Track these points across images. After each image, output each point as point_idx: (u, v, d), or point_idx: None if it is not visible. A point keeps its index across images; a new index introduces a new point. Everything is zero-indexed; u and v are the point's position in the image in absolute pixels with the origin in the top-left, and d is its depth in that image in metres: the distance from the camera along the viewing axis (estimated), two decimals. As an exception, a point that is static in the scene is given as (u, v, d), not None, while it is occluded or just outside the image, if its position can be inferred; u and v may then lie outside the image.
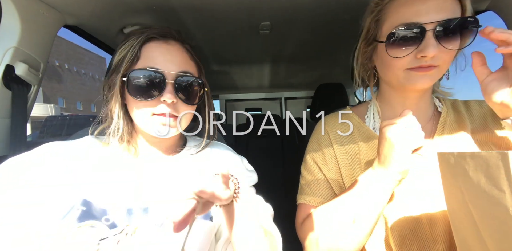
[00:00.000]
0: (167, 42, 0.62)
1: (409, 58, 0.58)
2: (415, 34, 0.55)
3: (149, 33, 0.62)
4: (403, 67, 0.59)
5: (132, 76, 0.58)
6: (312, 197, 0.69)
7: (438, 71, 0.58)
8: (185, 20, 1.15)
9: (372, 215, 0.55)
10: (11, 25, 0.79)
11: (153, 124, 0.60)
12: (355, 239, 0.56)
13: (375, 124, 0.71)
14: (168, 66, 0.59)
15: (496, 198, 0.31)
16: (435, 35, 0.54)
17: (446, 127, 0.65)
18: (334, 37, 1.42)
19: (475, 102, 0.69)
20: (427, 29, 0.54)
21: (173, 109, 0.60)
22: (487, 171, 0.32)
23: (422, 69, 0.57)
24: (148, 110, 0.59)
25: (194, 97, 0.63)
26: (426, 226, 0.56)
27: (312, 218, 0.63)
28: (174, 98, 0.59)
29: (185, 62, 0.63)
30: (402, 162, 0.51)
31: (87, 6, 0.93)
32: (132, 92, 0.59)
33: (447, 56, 0.56)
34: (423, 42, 0.55)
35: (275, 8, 1.08)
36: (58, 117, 7.41)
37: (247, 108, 3.44)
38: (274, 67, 2.21)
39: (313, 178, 0.71)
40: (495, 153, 0.31)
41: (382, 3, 0.61)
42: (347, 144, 0.70)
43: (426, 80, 0.59)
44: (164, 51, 0.61)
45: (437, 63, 0.57)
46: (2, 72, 0.79)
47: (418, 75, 0.58)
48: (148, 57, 0.60)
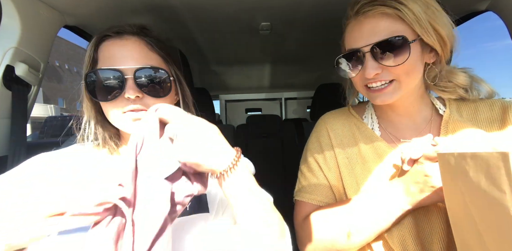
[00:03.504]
0: (122, 37, 0.60)
1: (360, 77, 0.63)
2: (355, 57, 0.62)
3: (102, 32, 0.61)
4: (362, 85, 0.65)
5: (90, 79, 0.57)
6: (311, 196, 0.69)
7: (397, 86, 0.61)
8: (185, 20, 1.16)
9: (374, 231, 0.58)
10: (11, 25, 0.79)
11: (125, 121, 0.58)
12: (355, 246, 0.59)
13: (373, 124, 0.72)
14: (124, 62, 0.57)
15: (496, 198, 0.31)
16: (373, 56, 0.59)
17: (448, 132, 0.64)
18: (334, 37, 1.41)
19: (485, 105, 0.66)
20: (364, 52, 0.60)
21: (142, 105, 0.58)
22: (488, 171, 0.32)
23: (375, 90, 0.62)
24: (117, 110, 0.58)
25: (160, 90, 0.60)
26: (425, 225, 0.56)
27: (312, 222, 0.64)
28: (138, 93, 0.56)
29: (144, 55, 0.60)
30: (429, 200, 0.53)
31: (87, 7, 0.93)
32: (95, 95, 0.57)
33: (398, 71, 0.59)
34: (364, 64, 0.60)
35: (275, 8, 1.08)
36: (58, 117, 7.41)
37: (247, 109, 3.44)
38: (274, 68, 2.21)
39: (313, 176, 0.71)
40: (496, 153, 0.31)
41: (344, 27, 0.68)
42: (347, 143, 0.70)
43: (384, 98, 0.62)
44: (118, 48, 0.59)
45: (390, 78, 0.60)
46: (2, 73, 0.79)
47: (375, 94, 0.63)
48: (104, 57, 0.59)
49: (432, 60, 0.64)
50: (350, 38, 0.63)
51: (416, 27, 0.57)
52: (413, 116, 0.69)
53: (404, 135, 0.68)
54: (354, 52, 0.62)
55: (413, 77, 0.61)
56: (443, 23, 0.59)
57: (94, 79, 0.57)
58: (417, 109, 0.68)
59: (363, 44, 0.60)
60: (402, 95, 0.63)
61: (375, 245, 0.60)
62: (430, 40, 0.58)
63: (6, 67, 0.79)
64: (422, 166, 0.52)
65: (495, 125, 0.63)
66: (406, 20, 0.57)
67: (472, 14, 0.99)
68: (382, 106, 0.71)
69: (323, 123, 0.76)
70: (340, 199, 0.68)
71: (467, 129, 0.62)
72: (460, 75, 0.66)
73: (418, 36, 0.58)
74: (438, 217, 0.56)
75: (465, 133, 0.62)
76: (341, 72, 0.68)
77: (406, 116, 0.69)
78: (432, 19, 0.57)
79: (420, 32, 0.57)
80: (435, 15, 0.58)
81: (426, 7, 0.57)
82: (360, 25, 0.61)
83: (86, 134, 0.64)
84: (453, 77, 0.66)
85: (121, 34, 0.60)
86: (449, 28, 0.60)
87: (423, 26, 0.57)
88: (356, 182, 0.64)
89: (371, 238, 0.59)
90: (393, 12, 0.57)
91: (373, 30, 0.59)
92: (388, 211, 0.56)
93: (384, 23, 0.58)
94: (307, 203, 0.69)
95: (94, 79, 0.57)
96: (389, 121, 0.71)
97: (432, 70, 0.65)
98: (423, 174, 0.52)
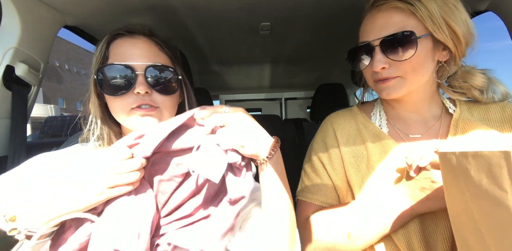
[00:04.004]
0: (133, 36, 0.63)
1: (370, 71, 0.64)
2: (366, 50, 0.63)
3: (114, 30, 0.63)
4: (372, 79, 0.66)
5: (102, 72, 0.59)
6: (314, 196, 0.69)
7: (402, 82, 0.61)
8: (185, 20, 1.16)
9: (375, 235, 0.58)
10: (11, 25, 0.79)
11: (134, 118, 0.60)
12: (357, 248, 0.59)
13: (381, 121, 0.72)
14: (136, 59, 0.60)
15: (498, 197, 0.31)
16: (381, 50, 0.60)
17: (458, 130, 0.63)
18: (334, 37, 1.42)
19: (497, 106, 0.65)
20: (374, 45, 0.60)
21: (150, 101, 0.60)
22: (489, 170, 0.32)
23: (382, 81, 0.63)
24: (125, 106, 0.59)
25: (168, 87, 0.63)
26: (430, 223, 0.56)
27: (313, 222, 0.64)
28: (147, 89, 0.59)
29: (154, 54, 0.63)
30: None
31: (87, 7, 0.93)
32: (106, 89, 0.59)
33: (405, 66, 0.59)
34: (372, 58, 0.61)
35: (275, 8, 1.08)
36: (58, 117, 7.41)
37: (247, 109, 3.42)
38: (274, 68, 2.21)
39: (317, 176, 0.71)
40: (498, 151, 0.30)
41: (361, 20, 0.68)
42: (353, 142, 0.69)
43: (389, 91, 0.62)
44: (130, 45, 0.61)
45: (396, 75, 0.61)
46: (2, 73, 0.79)
47: (382, 87, 0.63)
48: (116, 54, 0.61)
49: (445, 59, 0.63)
50: (363, 31, 0.64)
51: (428, 22, 0.57)
52: (422, 113, 0.68)
53: (413, 131, 0.68)
54: (365, 45, 0.62)
55: (420, 74, 0.61)
56: (460, 21, 0.58)
57: (105, 74, 0.59)
58: (427, 107, 0.68)
59: (374, 37, 0.60)
60: (411, 91, 0.63)
61: (379, 243, 0.60)
62: (442, 37, 0.58)
63: (6, 67, 0.79)
64: (429, 172, 0.51)
65: (506, 126, 0.62)
66: (418, 15, 0.57)
67: (472, 14, 0.99)
68: (391, 102, 0.71)
69: (329, 123, 0.76)
70: (344, 200, 0.68)
71: (477, 128, 0.61)
72: (478, 76, 0.65)
73: (430, 32, 0.57)
74: (443, 215, 0.56)
75: (475, 132, 0.61)
76: (352, 65, 0.69)
77: (415, 112, 0.69)
78: (448, 16, 0.57)
79: (432, 28, 0.57)
80: (452, 12, 0.57)
81: (443, 4, 0.57)
82: (373, 18, 0.62)
83: (91, 131, 0.65)
84: (470, 78, 0.65)
85: (133, 33, 0.63)
86: (467, 26, 0.59)
87: (435, 22, 0.56)
88: (362, 181, 0.64)
89: (373, 241, 0.58)
90: (406, 7, 0.57)
91: (384, 24, 0.59)
92: (391, 216, 0.56)
93: (396, 17, 0.58)
94: (309, 203, 0.69)
95: (105, 74, 0.59)
96: (398, 117, 0.71)
97: (444, 69, 0.64)
98: (430, 180, 0.51)
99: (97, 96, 0.64)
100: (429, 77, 0.63)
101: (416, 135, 0.67)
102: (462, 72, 0.65)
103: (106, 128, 0.65)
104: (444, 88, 0.68)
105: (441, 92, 0.71)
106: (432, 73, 0.63)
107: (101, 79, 0.60)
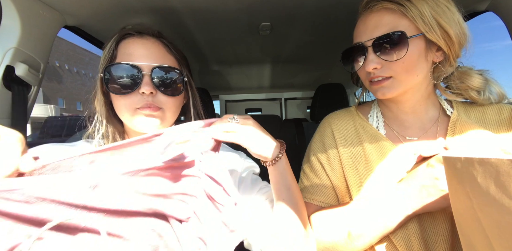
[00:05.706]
0: (142, 37, 0.64)
1: (364, 71, 0.64)
2: (359, 51, 0.64)
3: (124, 30, 0.64)
4: (366, 79, 0.66)
5: (109, 71, 0.60)
6: (313, 196, 0.69)
7: (395, 82, 0.62)
8: (185, 20, 1.16)
9: (376, 235, 0.57)
10: (11, 25, 0.79)
11: (138, 118, 0.61)
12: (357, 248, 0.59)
13: (378, 123, 0.72)
14: (143, 59, 0.60)
15: (506, 207, 0.30)
16: (374, 50, 0.61)
17: (456, 132, 0.63)
18: (334, 37, 1.42)
19: (494, 108, 0.65)
20: (367, 46, 0.61)
21: (154, 101, 0.61)
22: (497, 179, 0.31)
23: (375, 82, 0.64)
24: (130, 105, 0.60)
25: (174, 89, 0.64)
26: (429, 225, 0.56)
27: (312, 223, 0.64)
28: (152, 89, 0.60)
29: (162, 55, 0.64)
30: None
31: (87, 7, 0.93)
32: (111, 88, 0.60)
33: (397, 66, 0.60)
34: (365, 58, 0.62)
35: (275, 8, 1.08)
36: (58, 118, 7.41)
37: (247, 109, 3.43)
38: (274, 68, 2.21)
39: (316, 176, 0.71)
40: (506, 160, 0.30)
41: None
42: (351, 143, 0.70)
43: (384, 91, 0.63)
44: (139, 45, 0.62)
45: (388, 75, 0.61)
46: (2, 73, 0.79)
47: (375, 87, 0.64)
48: (124, 53, 0.62)
49: (439, 59, 0.63)
50: (356, 32, 0.66)
51: (419, 23, 0.57)
52: (419, 115, 0.68)
53: (410, 133, 0.68)
54: (358, 46, 0.64)
55: (413, 74, 0.61)
56: (452, 21, 0.58)
57: (112, 73, 0.60)
58: (424, 108, 0.68)
59: (366, 38, 0.62)
60: (406, 91, 0.63)
61: (379, 244, 0.60)
62: (434, 37, 0.58)
63: (6, 67, 0.79)
64: (432, 169, 0.51)
65: (503, 128, 0.62)
66: (408, 15, 0.57)
67: (472, 14, 0.99)
68: (387, 104, 0.71)
69: (327, 123, 0.76)
70: (343, 200, 0.68)
71: (475, 130, 0.61)
72: (475, 77, 0.64)
73: (421, 32, 0.58)
74: (443, 217, 0.55)
75: (473, 134, 0.61)
76: (347, 66, 0.70)
77: (412, 114, 0.69)
78: (440, 16, 0.57)
79: (423, 28, 0.57)
80: (444, 13, 0.57)
81: (435, 4, 0.57)
82: (365, 20, 0.63)
83: (96, 128, 0.66)
84: (467, 79, 0.64)
85: (142, 34, 0.64)
86: (459, 27, 0.59)
87: (427, 22, 0.57)
88: (360, 182, 0.64)
89: (373, 242, 0.58)
90: (396, 8, 0.58)
91: (376, 25, 0.60)
92: (391, 216, 0.55)
93: (387, 18, 0.59)
94: (309, 203, 0.69)
95: (112, 73, 0.60)
96: (395, 119, 0.71)
97: (439, 70, 0.64)
98: (433, 177, 0.50)
99: (103, 95, 0.64)
100: (423, 78, 0.63)
101: (413, 138, 0.67)
102: (459, 73, 0.65)
103: (111, 126, 0.66)
104: (440, 89, 0.68)
105: (438, 94, 0.70)
106: (427, 74, 0.64)
107: (108, 78, 0.60)
